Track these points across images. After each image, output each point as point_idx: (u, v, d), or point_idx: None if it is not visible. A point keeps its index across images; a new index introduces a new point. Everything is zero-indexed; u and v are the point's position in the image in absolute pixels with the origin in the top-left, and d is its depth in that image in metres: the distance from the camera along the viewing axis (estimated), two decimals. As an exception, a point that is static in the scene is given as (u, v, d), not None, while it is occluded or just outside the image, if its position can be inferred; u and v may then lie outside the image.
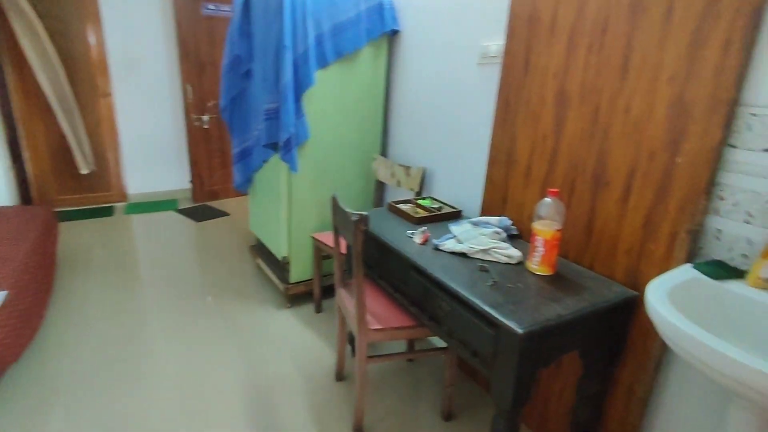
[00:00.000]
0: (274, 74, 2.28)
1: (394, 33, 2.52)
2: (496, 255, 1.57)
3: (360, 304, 1.67)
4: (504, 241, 1.68)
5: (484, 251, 1.59)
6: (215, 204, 4.52)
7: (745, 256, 1.23)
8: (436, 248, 1.66)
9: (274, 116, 2.34)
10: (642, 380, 1.44)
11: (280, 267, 2.66)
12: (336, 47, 2.36)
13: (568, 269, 1.54)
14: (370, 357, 1.78)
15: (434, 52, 2.27)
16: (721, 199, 1.26)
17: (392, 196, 2.72)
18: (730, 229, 1.26)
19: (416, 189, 2.36)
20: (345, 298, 1.88)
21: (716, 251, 1.29)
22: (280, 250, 2.61)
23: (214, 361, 2.19)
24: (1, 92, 3.68)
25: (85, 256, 3.25)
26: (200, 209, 4.36)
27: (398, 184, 2.48)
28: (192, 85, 4.27)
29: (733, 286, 1.17)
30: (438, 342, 2.27)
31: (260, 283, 2.95)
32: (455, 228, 1.74)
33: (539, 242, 1.46)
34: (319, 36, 2.30)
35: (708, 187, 1.26)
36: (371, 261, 1.92)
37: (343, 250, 2.04)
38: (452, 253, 1.63)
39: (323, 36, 2.31)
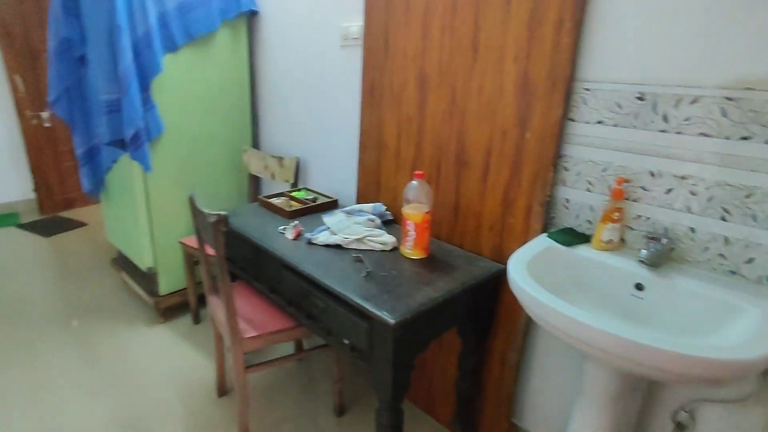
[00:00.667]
0: (109, 59, 1.97)
1: (253, 14, 2.33)
2: (371, 243, 1.53)
3: (230, 313, 1.52)
4: (379, 228, 1.64)
5: (359, 240, 1.53)
6: (70, 214, 3.92)
7: (589, 221, 1.33)
8: (310, 242, 1.57)
9: (115, 108, 2.03)
10: (513, 348, 1.51)
11: (147, 279, 2.36)
12: (185, 29, 2.11)
13: (441, 250, 1.55)
14: (251, 366, 1.64)
15: (297, 34, 2.14)
16: (566, 170, 1.34)
17: (268, 189, 2.56)
18: (575, 198, 1.34)
19: (291, 180, 2.24)
20: (216, 307, 1.71)
21: (566, 219, 1.38)
22: (143, 261, 2.32)
23: (76, 399, 1.87)
24: None
25: None
26: (50, 222, 3.75)
27: (272, 176, 2.33)
28: (23, 77, 3.61)
29: (581, 250, 1.26)
30: (328, 337, 2.20)
31: (126, 299, 2.61)
32: (329, 219, 1.67)
33: (410, 226, 1.44)
34: (163, 15, 2.03)
35: (554, 160, 1.33)
36: (244, 262, 1.76)
37: (211, 253, 1.86)
38: (326, 245, 1.55)
39: (168, 15, 2.04)
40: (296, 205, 1.89)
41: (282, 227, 1.67)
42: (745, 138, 1.04)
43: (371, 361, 1.25)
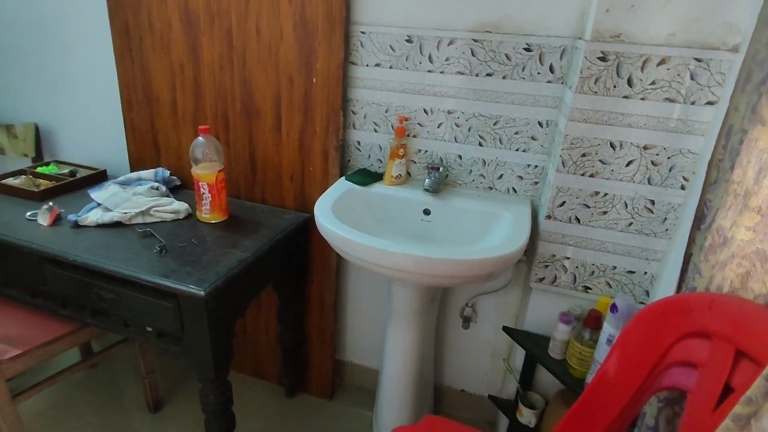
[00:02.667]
0: None
1: None
2: (159, 214, 1.34)
3: (-27, 334, 1.15)
4: (167, 196, 1.45)
5: (143, 213, 1.32)
6: None
7: (380, 160, 1.43)
8: (77, 225, 1.28)
9: None
10: (329, 290, 1.57)
11: None
12: None
13: (242, 208, 1.47)
14: (22, 393, 1.31)
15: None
16: (354, 113, 1.40)
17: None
18: (365, 139, 1.42)
19: (32, 153, 1.76)
20: (-53, 332, 1.27)
21: (360, 161, 1.45)
22: None
23: None
24: None
25: None
26: None
27: (2, 151, 1.78)
28: None
29: (376, 188, 1.35)
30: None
31: None
32: (98, 194, 1.38)
33: (204, 188, 1.31)
34: None
35: (343, 104, 1.36)
36: (-21, 268, 1.34)
37: None
38: (101, 226, 1.29)
39: None
40: (46, 184, 1.51)
41: (31, 213, 1.31)
42: (489, 75, 1.24)
43: (185, 342, 1.13)
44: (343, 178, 1.38)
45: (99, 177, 1.60)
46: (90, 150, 1.76)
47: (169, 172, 1.55)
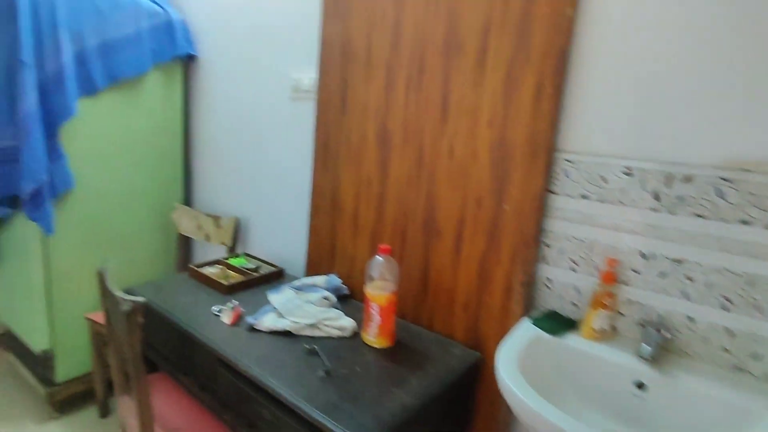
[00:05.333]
0: (6, 99, 1.64)
1: (191, 58, 2.10)
2: (327, 329, 1.29)
3: (144, 422, 1.19)
4: (335, 307, 1.41)
5: (312, 326, 1.29)
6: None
7: (574, 304, 1.20)
8: (252, 328, 1.30)
9: (10, 158, 1.68)
10: (493, 449, 1.31)
11: (40, 364, 1.92)
12: (109, 70, 1.83)
13: (408, 333, 1.35)
14: (170, 487, 1.29)
15: (241, 83, 1.93)
16: (548, 246, 1.21)
17: (202, 252, 2.24)
18: (558, 278, 1.21)
19: (229, 243, 1.96)
20: (128, 410, 1.36)
21: (549, 301, 1.24)
22: (36, 341, 1.88)
23: None
24: None
25: None
26: None
27: (207, 238, 2.03)
28: None
29: (571, 340, 1.11)
30: None
31: (11, 388, 2.11)
32: (275, 297, 1.41)
33: (374, 309, 1.23)
34: (82, 53, 1.75)
35: (536, 235, 1.19)
36: (167, 350, 1.45)
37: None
38: (273, 332, 1.29)
39: (88, 54, 1.76)
40: (235, 277, 1.62)
41: (217, 308, 1.39)
42: (744, 222, 0.96)
43: (332, 492, 0.99)
44: (529, 320, 1.17)
45: (277, 276, 1.67)
46: (274, 246, 1.89)
47: (340, 280, 1.54)
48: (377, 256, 1.24)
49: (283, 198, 1.83)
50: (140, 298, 1.12)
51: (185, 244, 2.19)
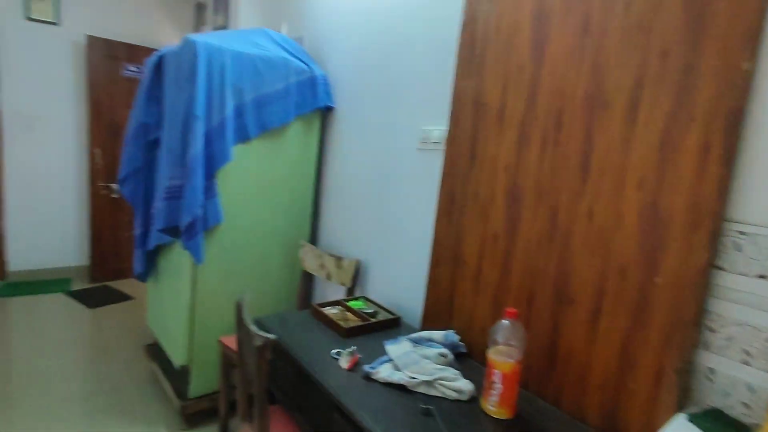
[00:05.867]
0: (180, 146, 1.93)
1: (328, 109, 2.29)
2: (443, 389, 1.24)
3: (264, 458, 1.23)
4: (452, 366, 1.35)
5: (428, 384, 1.25)
6: (119, 285, 3.88)
7: (746, 405, 0.99)
8: (368, 376, 1.30)
9: (176, 195, 1.95)
10: None
11: (178, 377, 2.14)
12: (260, 121, 2.07)
13: (531, 407, 1.23)
14: None
15: (371, 132, 2.05)
16: (712, 331, 1.03)
17: (322, 290, 2.35)
18: (725, 370, 1.02)
19: (348, 284, 2.02)
20: (248, 440, 1.43)
21: (710, 396, 1.04)
22: (177, 356, 2.11)
23: None
24: None
25: None
26: (98, 291, 3.71)
27: (328, 277, 2.13)
28: (102, 150, 3.79)
29: (745, 453, 0.91)
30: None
31: (151, 395, 2.37)
32: (392, 348, 1.40)
33: (496, 376, 1.15)
34: (240, 107, 2.01)
35: (697, 316, 1.03)
36: (287, 386, 1.51)
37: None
38: (388, 384, 1.27)
39: (244, 108, 2.02)
40: (353, 320, 1.65)
41: (336, 351, 1.42)
42: None
43: None
44: (685, 416, 1.00)
45: (393, 323, 1.67)
46: (391, 292, 1.90)
47: (458, 337, 1.48)
48: (503, 320, 1.17)
49: (403, 245, 1.86)
50: (272, 336, 1.19)
51: (307, 280, 2.32)
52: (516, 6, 1.41)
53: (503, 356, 1.15)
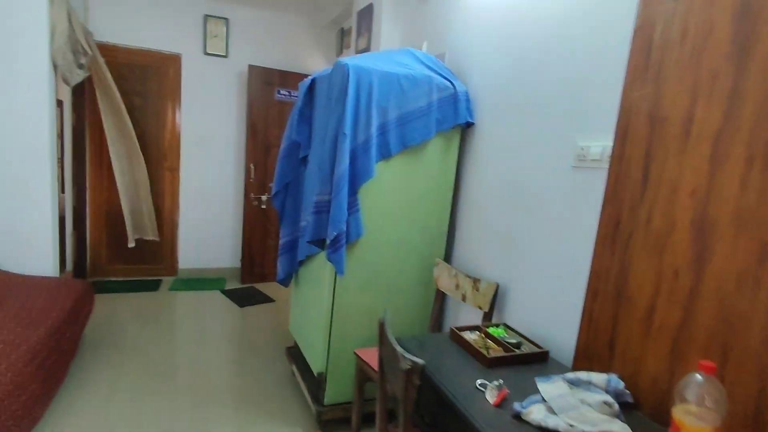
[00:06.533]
0: (329, 164, 2.03)
1: (468, 125, 2.24)
2: (611, 447, 1.07)
3: (405, 486, 1.20)
4: (618, 418, 1.18)
5: (591, 436, 1.09)
6: (263, 287, 4.27)
7: None
8: (518, 416, 1.19)
9: (324, 209, 2.06)
10: None
11: (315, 383, 2.24)
12: (401, 138, 2.10)
13: (729, 487, 1.00)
14: None
15: (516, 149, 1.94)
16: None
17: (455, 311, 2.28)
18: None
19: (485, 308, 1.92)
20: (386, 461, 1.41)
21: None
22: (316, 363, 2.21)
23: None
24: (78, 161, 3.81)
25: (113, 337, 3.03)
26: (246, 292, 4.12)
27: (463, 298, 2.05)
28: (255, 165, 4.24)
29: None
30: None
31: (292, 396, 2.52)
32: (546, 387, 1.27)
33: (684, 443, 0.96)
34: (383, 125, 2.06)
35: None
36: (424, 410, 1.46)
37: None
38: (541, 429, 1.15)
39: (388, 125, 2.07)
40: (495, 349, 1.55)
41: (481, 382, 1.33)
42: None
43: None
44: None
45: (540, 358, 1.53)
46: (535, 321, 1.75)
47: (623, 384, 1.29)
48: (696, 374, 0.97)
49: (551, 272, 1.70)
50: (419, 360, 1.15)
51: (441, 299, 2.27)
52: (709, 3, 1.20)
53: (696, 419, 0.95)
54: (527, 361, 1.50)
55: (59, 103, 3.26)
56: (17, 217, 2.84)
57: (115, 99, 3.68)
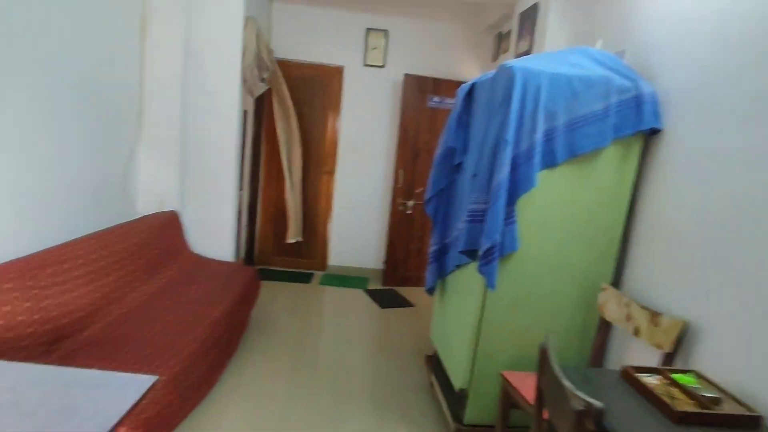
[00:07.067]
0: (487, 171, 1.94)
1: (654, 132, 1.93)
2: None
3: None
4: None
5: None
6: (403, 291, 4.34)
7: None
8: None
9: (478, 219, 1.96)
10: None
11: (455, 399, 2.15)
12: (569, 145, 1.90)
13: None
14: None
15: (723, 162, 1.58)
16: None
17: (621, 344, 1.98)
18: None
19: (667, 348, 1.61)
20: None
21: None
22: (457, 379, 2.13)
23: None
24: (254, 161, 4.35)
25: (274, 321, 3.35)
26: (387, 294, 4.23)
27: (636, 332, 1.76)
28: (404, 170, 4.34)
29: None
30: None
31: (429, 408, 2.47)
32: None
33: None
34: (550, 131, 1.88)
35: None
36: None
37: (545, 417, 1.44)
38: None
39: (555, 131, 1.89)
40: (684, 401, 1.28)
41: (669, 441, 1.10)
42: None
43: None
44: None
45: (750, 423, 1.21)
46: (741, 374, 1.40)
47: None
48: None
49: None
50: (598, 403, 0.99)
51: (604, 329, 1.99)
52: None
53: None
54: (731, 425, 1.20)
55: (244, 113, 3.76)
56: (209, 209, 3.35)
57: (288, 108, 4.12)
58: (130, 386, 1.18)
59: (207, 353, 2.17)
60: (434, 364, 2.58)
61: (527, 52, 3.10)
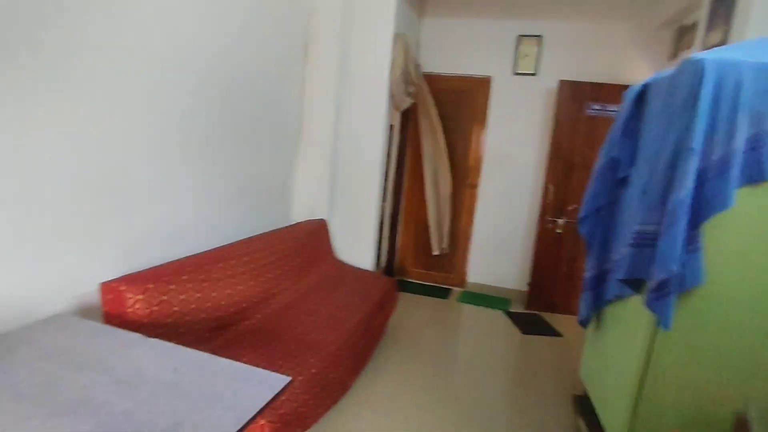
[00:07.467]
0: (660, 186, 1.61)
1: None
2: None
3: None
4: None
5: None
6: (549, 317, 3.95)
7: None
8: None
9: (647, 243, 1.64)
10: None
11: (609, 453, 1.83)
12: (785, 155, 1.47)
13: None
14: None
15: None
16: None
17: None
18: None
19: None
20: None
21: None
22: (612, 427, 1.79)
23: None
24: (398, 173, 4.46)
25: (410, 334, 3.33)
26: (531, 319, 3.90)
27: None
28: (555, 186, 3.98)
29: None
30: None
31: (575, 452, 2.16)
32: None
33: None
34: (756, 137, 1.49)
35: None
36: None
37: None
38: None
39: (763, 137, 1.48)
40: None
41: None
42: None
43: None
44: None
45: None
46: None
47: None
48: None
49: None
50: None
51: (837, 402, 1.48)
52: None
53: None
54: None
55: (390, 127, 3.88)
56: (353, 219, 3.51)
57: (433, 122, 4.13)
58: (265, 383, 1.23)
59: (344, 358, 2.23)
60: (583, 406, 2.24)
61: (720, 44, 2.57)
